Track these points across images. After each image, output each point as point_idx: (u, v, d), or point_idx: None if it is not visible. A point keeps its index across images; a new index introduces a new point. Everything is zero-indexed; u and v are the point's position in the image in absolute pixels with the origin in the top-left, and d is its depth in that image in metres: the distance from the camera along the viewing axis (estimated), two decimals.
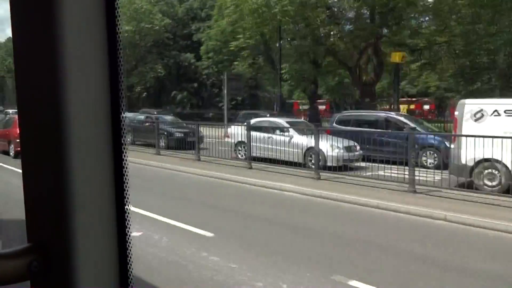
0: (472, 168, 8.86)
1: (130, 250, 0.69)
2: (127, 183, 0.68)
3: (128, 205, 0.68)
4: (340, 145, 11.46)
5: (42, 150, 0.64)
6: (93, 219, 0.64)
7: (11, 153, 14.55)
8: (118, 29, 0.65)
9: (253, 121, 14.52)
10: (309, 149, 11.46)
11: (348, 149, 11.64)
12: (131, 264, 0.69)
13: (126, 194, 0.68)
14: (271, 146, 12.43)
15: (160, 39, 39.72)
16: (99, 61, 0.64)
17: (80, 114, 0.62)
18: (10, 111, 29.39)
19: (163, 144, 16.24)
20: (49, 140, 0.62)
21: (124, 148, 0.67)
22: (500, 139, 8.18)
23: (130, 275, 0.68)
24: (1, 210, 6.67)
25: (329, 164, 11.05)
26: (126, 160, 0.67)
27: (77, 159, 0.62)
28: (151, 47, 40.47)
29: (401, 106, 53.77)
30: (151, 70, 40.10)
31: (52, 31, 0.60)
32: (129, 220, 0.68)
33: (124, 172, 0.67)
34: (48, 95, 0.61)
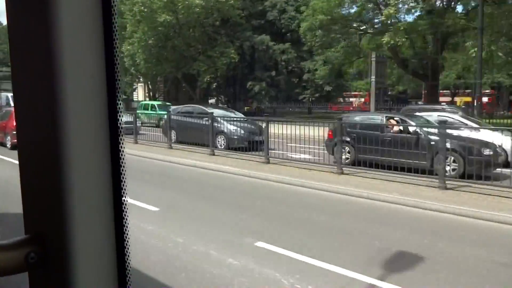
0: None
1: (127, 241, 0.69)
2: (124, 174, 0.69)
3: (125, 197, 0.69)
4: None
5: (39, 142, 0.66)
6: (90, 211, 0.65)
7: (7, 145, 14.88)
8: (115, 25, 0.66)
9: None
10: None
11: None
12: (128, 255, 0.70)
13: (124, 185, 0.69)
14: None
15: (230, 16, 33.49)
16: (96, 57, 0.64)
17: (77, 108, 0.63)
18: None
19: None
20: (46, 132, 0.64)
21: (121, 140, 0.68)
22: None
23: (127, 266, 0.70)
24: (2, 203, 6.60)
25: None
26: (123, 152, 0.68)
27: (74, 151, 0.63)
28: (219, 27, 34.77)
29: (457, 99, 48.48)
30: (221, 55, 33.72)
31: (48, 29, 0.61)
32: (126, 211, 0.69)
33: (121, 163, 0.68)
34: (45, 88, 0.63)
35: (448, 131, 9.71)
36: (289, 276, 4.60)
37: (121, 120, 0.68)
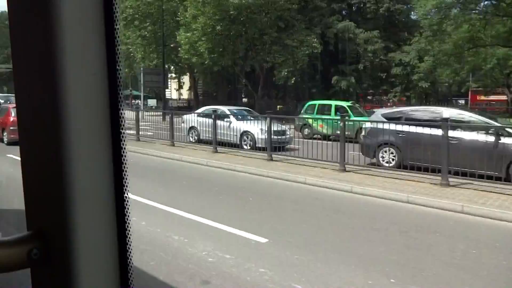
0: None
1: (129, 237, 0.70)
2: (126, 171, 0.69)
3: (127, 194, 0.69)
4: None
5: (40, 139, 0.66)
6: (92, 208, 0.66)
7: (4, 141, 15.02)
8: (116, 23, 0.66)
9: None
10: None
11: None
12: (130, 252, 0.70)
13: (125, 182, 0.69)
14: None
15: None
16: (97, 55, 0.65)
17: (78, 105, 0.63)
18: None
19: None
20: (48, 129, 0.64)
21: (122, 137, 0.68)
22: None
23: (129, 262, 0.70)
24: (0, 198, 6.43)
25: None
26: (124, 149, 0.68)
27: (76, 148, 0.63)
28: (296, 11, 28.93)
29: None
30: (301, 44, 27.92)
31: (49, 27, 0.61)
32: (128, 208, 0.70)
33: (123, 161, 0.68)
34: (47, 85, 0.63)
35: None
36: None
37: (122, 117, 0.68)
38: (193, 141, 15.20)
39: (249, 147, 13.34)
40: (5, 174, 9.31)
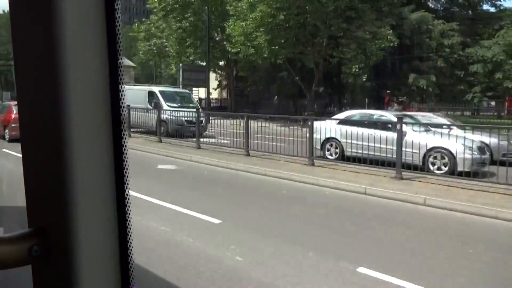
0: None
1: (130, 235, 0.70)
2: (127, 169, 0.69)
3: (127, 191, 0.69)
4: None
5: (42, 136, 0.66)
6: (93, 206, 0.66)
7: (6, 137, 15.24)
8: (118, 22, 0.66)
9: None
10: None
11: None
12: (131, 249, 0.70)
13: (127, 181, 0.69)
14: None
15: None
16: (99, 53, 0.65)
17: (80, 102, 0.63)
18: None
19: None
20: (49, 126, 0.64)
21: (123, 134, 0.68)
22: None
23: (130, 260, 0.70)
24: (1, 196, 6.20)
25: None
26: (125, 147, 0.69)
27: (77, 145, 0.63)
28: (366, 1, 25.12)
29: None
30: (374, 37, 24.18)
31: (51, 28, 0.61)
32: (129, 206, 0.70)
33: (124, 158, 0.69)
34: (48, 82, 0.63)
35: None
36: None
37: (124, 115, 0.68)
38: (332, 157, 11.58)
39: (441, 171, 9.63)
40: (6, 170, 9.38)
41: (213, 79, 40.03)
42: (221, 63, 35.01)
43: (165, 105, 17.44)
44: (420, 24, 27.66)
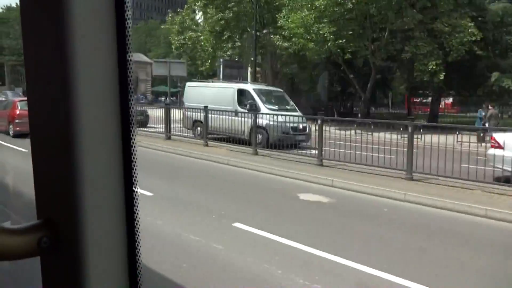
0: None
1: (138, 227, 0.71)
2: (135, 166, 0.70)
3: (136, 187, 0.70)
4: None
5: (51, 130, 0.67)
6: (101, 199, 0.67)
7: (10, 133, 15.45)
8: (127, 19, 0.67)
9: None
10: None
11: None
12: (139, 242, 0.71)
13: (135, 177, 0.70)
14: None
15: None
16: (108, 50, 0.66)
17: (89, 96, 0.64)
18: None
19: None
20: (57, 121, 0.65)
21: (132, 129, 0.69)
22: None
23: (138, 252, 0.71)
24: (7, 190, 6.18)
25: None
26: (134, 143, 0.70)
27: (85, 139, 0.64)
28: None
29: None
30: (453, 29, 20.85)
31: (61, 28, 0.62)
32: (137, 201, 0.71)
33: (132, 151, 0.69)
34: (58, 77, 0.64)
35: None
36: None
37: (132, 111, 0.69)
38: None
39: None
40: (11, 165, 9.45)
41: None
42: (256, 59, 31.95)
43: (263, 108, 14.15)
44: (504, 16, 24.05)
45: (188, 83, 18.33)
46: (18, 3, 0.70)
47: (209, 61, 34.02)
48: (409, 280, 4.30)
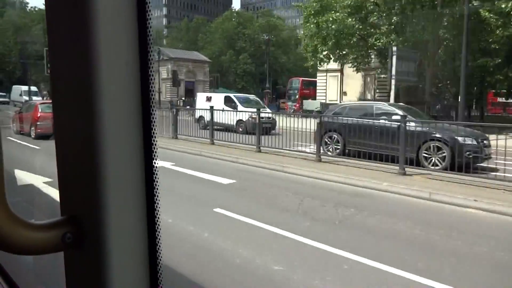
0: None
1: (158, 225, 0.72)
2: (156, 167, 0.72)
3: (157, 188, 0.72)
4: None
5: (74, 131, 0.69)
6: (124, 196, 0.69)
7: (32, 135, 15.80)
8: (149, 22, 0.69)
9: None
10: None
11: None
12: (159, 239, 0.73)
13: (156, 178, 0.72)
14: None
15: None
16: (131, 58, 0.68)
17: (112, 96, 0.66)
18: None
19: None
20: (81, 121, 0.67)
21: (153, 129, 0.71)
22: None
23: (159, 249, 0.73)
24: (33, 187, 6.65)
25: None
26: (155, 143, 0.71)
27: (108, 138, 0.66)
28: None
29: None
30: None
31: (85, 29, 0.64)
32: (158, 202, 0.72)
33: (153, 150, 0.71)
34: (82, 78, 0.66)
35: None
36: None
37: (153, 111, 0.70)
38: None
39: None
40: (39, 164, 9.95)
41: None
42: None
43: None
44: None
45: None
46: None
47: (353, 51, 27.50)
48: None
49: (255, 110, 15.20)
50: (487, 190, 7.93)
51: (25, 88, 39.39)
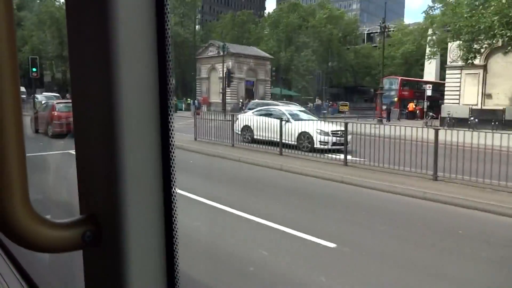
0: None
1: (176, 225, 0.74)
2: (173, 167, 0.73)
3: (174, 189, 0.73)
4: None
5: (93, 131, 0.70)
6: (142, 196, 0.69)
7: (49, 133, 16.29)
8: (168, 27, 0.70)
9: None
10: None
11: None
12: (176, 238, 0.74)
13: (173, 178, 0.73)
14: None
15: None
16: (149, 59, 0.69)
17: (131, 98, 0.67)
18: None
19: None
20: (100, 121, 0.68)
21: (170, 127, 0.72)
22: None
23: (176, 248, 0.74)
24: (50, 184, 6.67)
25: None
26: (173, 141, 0.72)
27: (127, 137, 0.67)
28: None
29: None
30: None
31: (105, 32, 0.65)
32: (175, 202, 0.74)
33: (171, 150, 0.72)
34: (101, 78, 0.67)
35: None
36: None
37: (171, 111, 0.71)
38: None
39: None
40: (56, 163, 10.23)
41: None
42: None
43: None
44: None
45: None
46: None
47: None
48: None
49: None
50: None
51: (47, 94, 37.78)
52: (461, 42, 24.48)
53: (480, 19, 21.77)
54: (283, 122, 14.34)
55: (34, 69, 24.02)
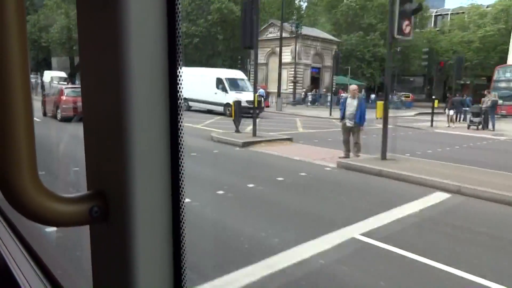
0: None
1: (183, 202, 0.75)
2: (182, 153, 0.74)
3: (182, 162, 0.74)
4: None
5: (102, 106, 0.72)
6: (150, 172, 0.70)
7: (58, 117, 16.84)
8: (178, 26, 0.70)
9: None
10: None
11: None
12: (183, 215, 0.76)
13: (181, 148, 0.74)
14: None
15: None
16: (160, 58, 0.69)
17: (140, 80, 0.67)
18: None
19: None
20: (109, 95, 0.69)
21: (179, 110, 0.72)
22: None
23: (182, 225, 0.75)
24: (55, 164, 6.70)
25: None
26: (181, 121, 0.72)
27: (136, 115, 0.67)
28: None
29: None
30: None
31: (115, 30, 0.66)
32: (182, 174, 0.74)
33: (179, 126, 0.73)
34: (110, 70, 0.68)
35: None
36: None
37: (180, 94, 0.72)
38: None
39: None
40: (64, 141, 10.97)
41: None
42: None
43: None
44: None
45: None
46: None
47: None
48: None
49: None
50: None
51: (55, 74, 37.28)
52: None
53: None
54: None
55: None
